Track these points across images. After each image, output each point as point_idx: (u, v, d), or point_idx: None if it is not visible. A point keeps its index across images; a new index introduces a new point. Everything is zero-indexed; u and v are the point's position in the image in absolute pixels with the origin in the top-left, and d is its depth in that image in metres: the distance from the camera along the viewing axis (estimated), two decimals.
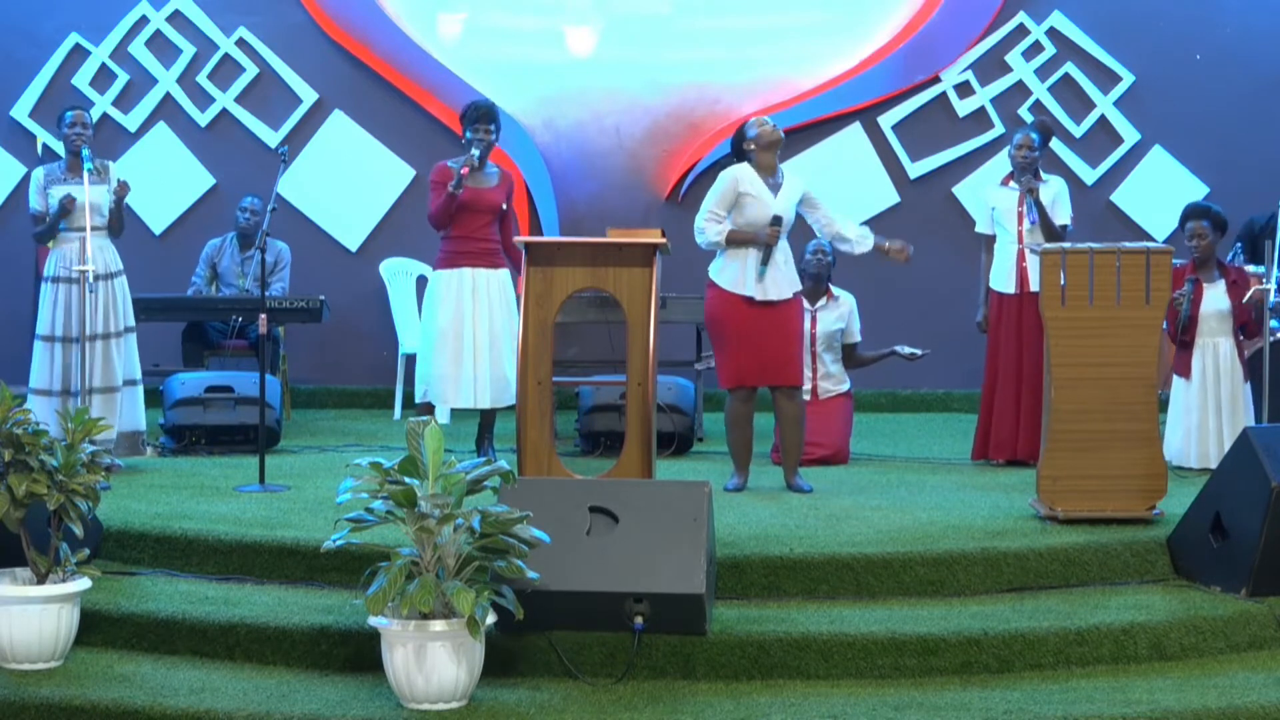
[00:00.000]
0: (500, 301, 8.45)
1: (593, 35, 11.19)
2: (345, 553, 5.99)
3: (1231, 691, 5.72)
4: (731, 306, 7.71)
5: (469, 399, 8.41)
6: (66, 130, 8.32)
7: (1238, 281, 8.46)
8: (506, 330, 8.41)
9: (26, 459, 5.92)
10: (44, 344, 8.23)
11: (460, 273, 8.43)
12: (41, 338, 8.24)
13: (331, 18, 11.11)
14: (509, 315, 8.43)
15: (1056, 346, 7.15)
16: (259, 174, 10.44)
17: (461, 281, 8.42)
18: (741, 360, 7.73)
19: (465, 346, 8.40)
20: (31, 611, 5.87)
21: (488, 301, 8.42)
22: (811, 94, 11.08)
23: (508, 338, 8.38)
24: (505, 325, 8.42)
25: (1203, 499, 6.69)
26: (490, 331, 8.41)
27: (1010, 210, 8.74)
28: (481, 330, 8.40)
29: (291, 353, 10.71)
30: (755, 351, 7.70)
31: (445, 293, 8.43)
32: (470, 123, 8.45)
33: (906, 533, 6.88)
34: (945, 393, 11.11)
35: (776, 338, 7.71)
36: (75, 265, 8.11)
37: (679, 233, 9.25)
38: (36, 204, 8.30)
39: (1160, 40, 11.09)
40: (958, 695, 5.72)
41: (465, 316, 8.40)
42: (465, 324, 8.40)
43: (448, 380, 8.41)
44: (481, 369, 8.39)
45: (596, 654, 5.88)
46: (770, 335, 7.69)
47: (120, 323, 8.29)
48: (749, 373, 7.76)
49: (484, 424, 8.64)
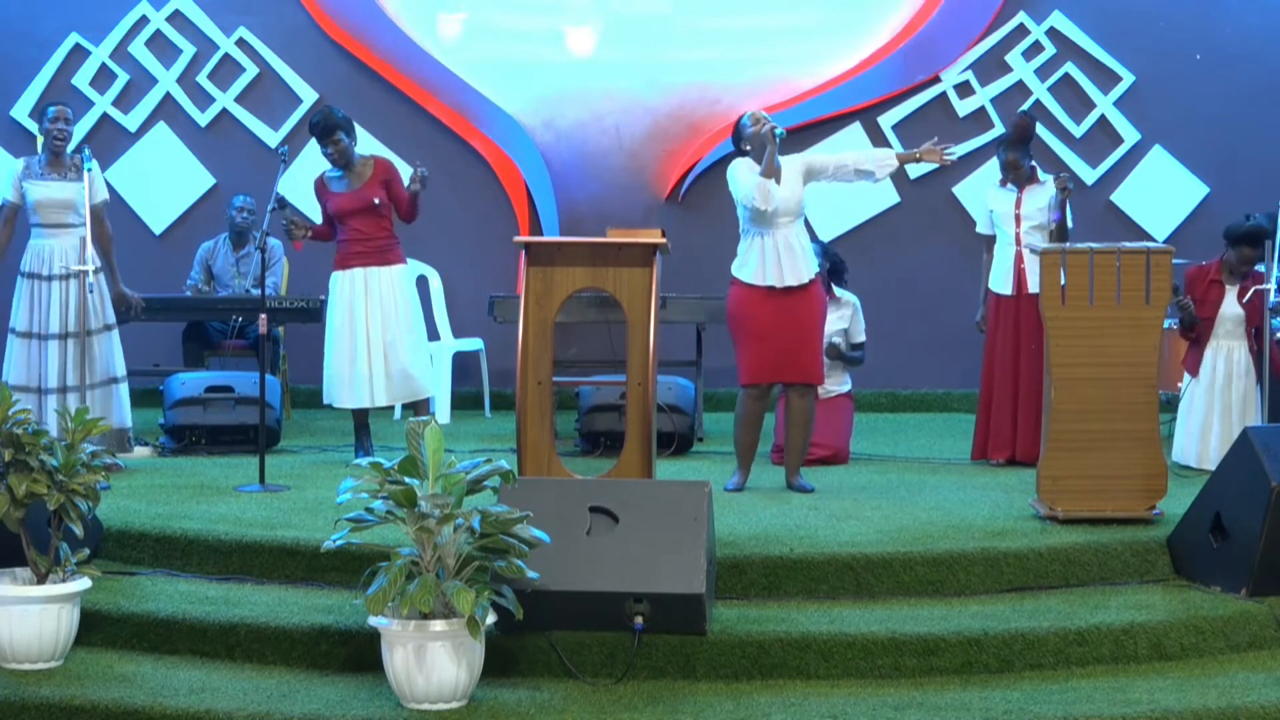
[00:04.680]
0: (395, 298, 8.56)
1: (593, 35, 11.19)
2: (345, 553, 6.00)
3: (1231, 691, 5.72)
4: (752, 302, 7.71)
5: (364, 398, 8.56)
6: (49, 125, 8.33)
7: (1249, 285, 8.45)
8: (404, 326, 8.55)
9: (26, 459, 5.91)
10: (15, 339, 8.30)
11: (352, 273, 8.56)
12: (13, 333, 8.31)
13: (331, 18, 11.11)
14: (407, 310, 8.58)
15: (1056, 346, 7.15)
16: (259, 174, 10.44)
17: (354, 282, 8.55)
18: (760, 355, 7.73)
19: (358, 346, 8.53)
20: (31, 611, 5.87)
21: (379, 300, 8.54)
22: (811, 94, 11.08)
23: (406, 333, 8.53)
24: (403, 321, 8.55)
25: (1203, 499, 6.69)
26: (383, 329, 8.52)
27: (1008, 213, 8.74)
28: (374, 329, 8.53)
29: (291, 353, 10.71)
30: (775, 347, 7.70)
31: (338, 294, 8.60)
32: (318, 140, 8.61)
33: (906, 533, 6.88)
34: (945, 393, 11.11)
35: (798, 332, 7.71)
36: (73, 265, 8.12)
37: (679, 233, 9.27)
38: (9, 194, 8.32)
39: (1160, 40, 11.09)
40: (958, 695, 5.72)
41: (358, 317, 8.53)
42: (358, 324, 8.53)
43: (341, 381, 8.58)
44: (376, 367, 8.52)
45: (596, 654, 5.88)
46: (792, 330, 7.69)
47: (98, 320, 8.30)
48: (767, 368, 7.76)
49: (358, 423, 8.75)
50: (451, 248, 10.85)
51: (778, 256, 7.68)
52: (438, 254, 10.73)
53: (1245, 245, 8.40)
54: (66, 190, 8.19)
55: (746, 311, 7.75)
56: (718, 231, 7.89)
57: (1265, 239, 8.44)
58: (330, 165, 8.63)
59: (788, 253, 7.69)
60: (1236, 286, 8.45)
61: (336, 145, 8.54)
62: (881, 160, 7.87)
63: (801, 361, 7.77)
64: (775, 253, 7.68)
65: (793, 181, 7.72)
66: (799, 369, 7.78)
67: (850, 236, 10.95)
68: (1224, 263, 8.49)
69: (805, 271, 7.73)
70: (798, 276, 7.70)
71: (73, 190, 8.20)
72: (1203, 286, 8.49)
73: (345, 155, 8.57)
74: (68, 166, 8.28)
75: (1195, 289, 8.51)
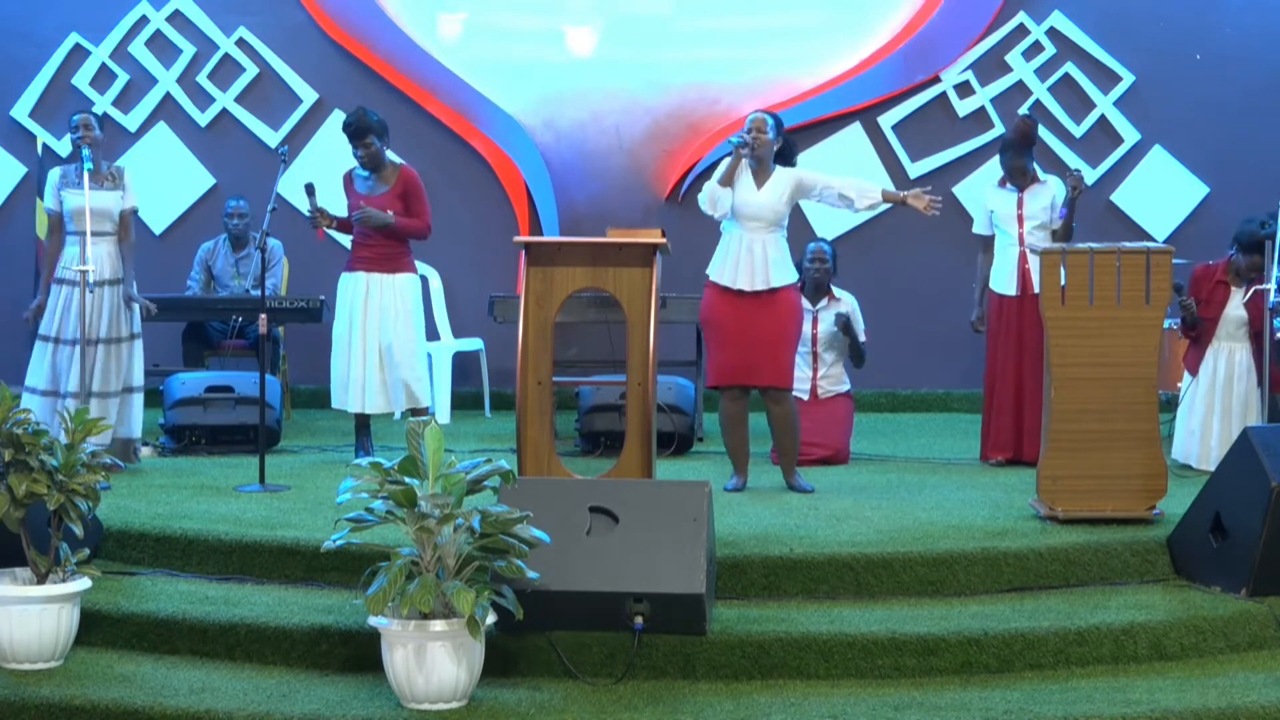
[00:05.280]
0: (396, 306, 8.54)
1: (593, 35, 11.19)
2: (345, 553, 5.99)
3: (1231, 691, 5.71)
4: (721, 303, 7.70)
5: (361, 404, 8.55)
6: (71, 134, 8.36)
7: None
8: (405, 335, 8.54)
9: (26, 459, 5.91)
10: (40, 343, 8.30)
11: (356, 277, 8.58)
12: (39, 337, 8.30)
13: (331, 18, 11.11)
14: (408, 319, 8.56)
15: (1056, 346, 7.15)
16: (259, 174, 10.45)
17: (356, 287, 8.56)
18: (725, 358, 7.73)
19: (354, 353, 8.55)
20: (31, 611, 5.87)
21: (380, 308, 8.53)
22: (811, 94, 11.09)
23: (405, 342, 8.52)
24: (402, 330, 8.54)
25: (1203, 499, 6.69)
26: (381, 338, 8.51)
27: (1010, 214, 8.74)
28: (371, 337, 8.53)
29: (291, 353, 10.71)
30: (740, 350, 7.67)
31: (342, 298, 8.62)
32: (349, 140, 8.59)
33: (906, 533, 6.88)
34: (945, 393, 11.11)
35: (763, 337, 7.67)
36: (75, 265, 8.12)
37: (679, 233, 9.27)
38: (50, 203, 8.38)
39: (1160, 40, 11.09)
40: (958, 695, 5.72)
41: (356, 323, 8.55)
42: (355, 331, 8.55)
43: (342, 384, 8.60)
44: (371, 374, 8.53)
45: (596, 654, 5.88)
46: (757, 334, 7.65)
47: (123, 329, 8.31)
48: (732, 371, 7.73)
49: (359, 424, 8.75)
50: (451, 248, 10.84)
51: (739, 259, 7.65)
52: (438, 254, 10.72)
53: (1257, 252, 8.35)
54: (100, 199, 8.19)
55: (713, 312, 7.76)
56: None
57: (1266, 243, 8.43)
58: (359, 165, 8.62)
59: (749, 256, 7.64)
60: (1243, 288, 8.43)
61: (368, 149, 8.52)
62: (864, 191, 7.78)
63: (765, 366, 7.70)
64: (740, 255, 7.65)
65: (775, 191, 7.68)
66: (763, 373, 7.72)
67: (850, 236, 10.95)
68: (1231, 264, 8.48)
69: (765, 278, 7.64)
70: (753, 281, 7.63)
71: (105, 198, 8.22)
72: (1209, 286, 8.48)
73: (375, 159, 8.56)
74: (104, 176, 8.29)
75: (1201, 289, 8.49)
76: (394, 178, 8.61)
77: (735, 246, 7.68)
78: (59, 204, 8.29)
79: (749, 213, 7.63)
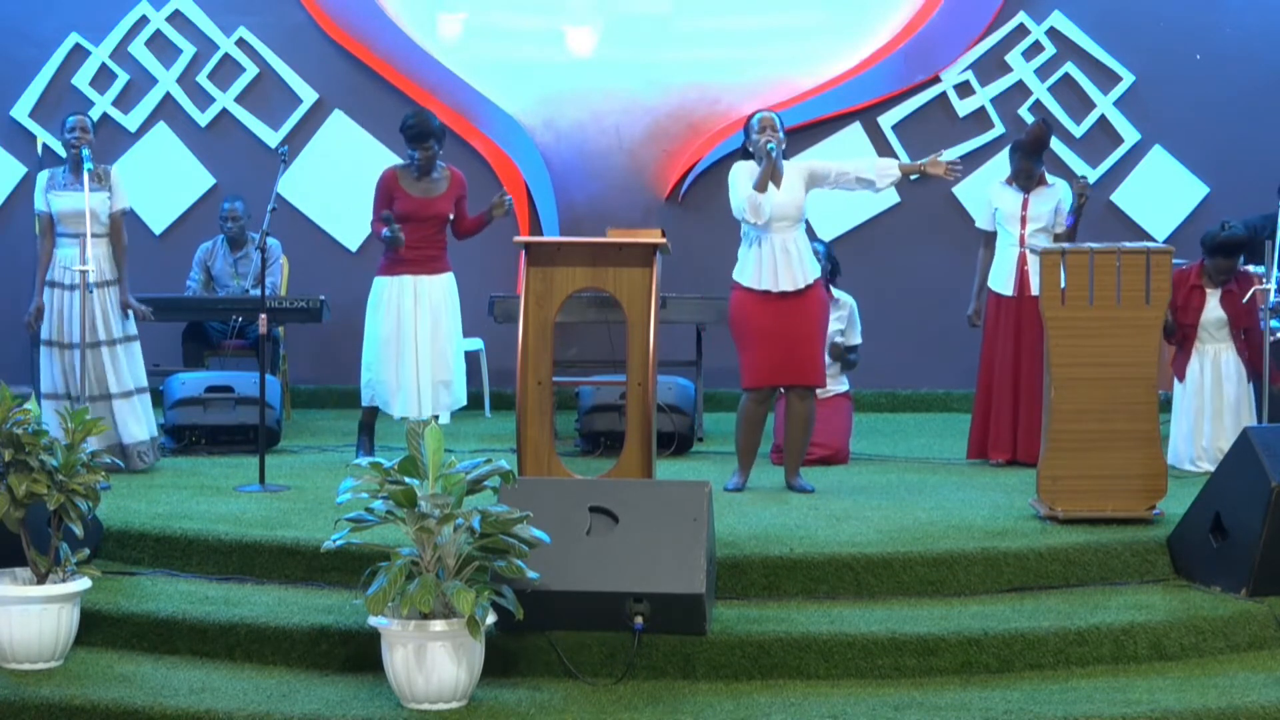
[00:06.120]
0: (444, 306, 8.51)
1: (593, 35, 11.19)
2: (345, 553, 5.99)
3: (1231, 691, 5.72)
4: (753, 304, 7.72)
5: (412, 409, 8.43)
6: (67, 135, 8.35)
7: (1232, 289, 8.41)
8: (451, 335, 8.50)
9: (26, 459, 5.92)
10: (45, 349, 8.30)
11: (401, 280, 8.48)
12: (42, 342, 8.31)
13: (331, 18, 11.11)
14: (453, 318, 8.53)
15: (1056, 346, 7.15)
16: (259, 174, 10.44)
17: (403, 289, 8.47)
18: (763, 359, 7.73)
19: (405, 355, 8.45)
20: (31, 611, 5.87)
21: (430, 307, 8.47)
22: (811, 94, 11.08)
23: (450, 342, 8.48)
24: (450, 330, 8.50)
25: (1203, 499, 6.69)
26: (432, 338, 8.46)
27: (1014, 214, 8.73)
28: (424, 338, 8.45)
29: (291, 353, 10.70)
30: (777, 350, 7.70)
31: (386, 300, 8.48)
32: (408, 141, 8.52)
33: (906, 533, 6.88)
34: (945, 392, 11.11)
35: (798, 335, 7.71)
36: (74, 266, 8.12)
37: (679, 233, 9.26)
38: (39, 205, 8.36)
39: (1160, 40, 11.09)
40: (958, 695, 5.72)
41: (405, 325, 8.45)
42: (405, 332, 8.44)
43: (391, 389, 8.47)
44: (424, 378, 8.44)
45: (596, 654, 5.88)
46: (792, 333, 7.69)
47: (115, 331, 8.30)
48: (770, 371, 7.75)
49: (366, 422, 8.70)
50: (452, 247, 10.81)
51: (774, 261, 7.68)
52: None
53: (1220, 256, 8.34)
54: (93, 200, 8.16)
55: (747, 315, 7.75)
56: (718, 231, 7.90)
57: (1240, 250, 8.41)
58: (406, 163, 8.56)
59: (784, 257, 7.68)
60: (1219, 291, 8.41)
61: (427, 152, 8.47)
62: (884, 170, 7.85)
63: (802, 365, 7.76)
64: (772, 257, 7.68)
65: (793, 187, 7.71)
66: (800, 372, 7.77)
67: (850, 236, 10.95)
68: (1204, 268, 8.46)
69: (803, 275, 7.71)
70: (794, 281, 7.70)
71: (96, 199, 8.20)
72: (1183, 292, 8.38)
73: (431, 163, 8.52)
74: (93, 176, 8.28)
75: (1176, 294, 8.36)
76: (446, 182, 8.57)
77: (767, 249, 7.68)
78: (47, 206, 8.29)
79: (776, 213, 7.66)
